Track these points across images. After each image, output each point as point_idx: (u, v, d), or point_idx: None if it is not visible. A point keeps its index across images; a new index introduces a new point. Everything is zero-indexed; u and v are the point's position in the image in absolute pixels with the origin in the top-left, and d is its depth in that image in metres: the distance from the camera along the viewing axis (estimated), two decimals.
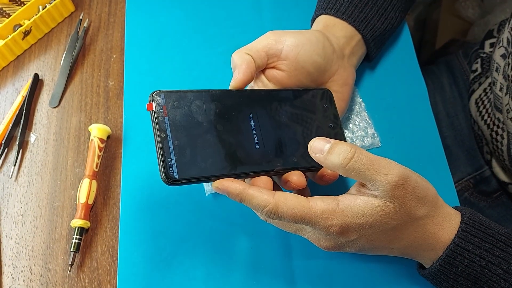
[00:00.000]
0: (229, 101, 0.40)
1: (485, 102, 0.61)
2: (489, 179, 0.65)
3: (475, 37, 0.99)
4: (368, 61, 0.55)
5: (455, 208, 0.40)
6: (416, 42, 1.13)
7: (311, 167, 0.41)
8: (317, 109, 0.44)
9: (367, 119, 0.53)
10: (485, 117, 0.61)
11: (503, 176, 0.62)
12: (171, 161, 0.35)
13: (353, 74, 0.49)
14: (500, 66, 0.55)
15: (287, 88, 0.45)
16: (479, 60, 0.66)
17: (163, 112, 0.36)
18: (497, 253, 0.36)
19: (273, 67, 0.45)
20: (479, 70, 0.66)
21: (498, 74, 0.56)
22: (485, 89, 0.62)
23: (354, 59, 0.50)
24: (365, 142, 0.52)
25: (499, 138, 0.58)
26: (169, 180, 0.35)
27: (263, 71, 0.46)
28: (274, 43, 0.44)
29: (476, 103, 0.63)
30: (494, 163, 0.63)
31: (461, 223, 0.37)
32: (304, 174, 0.41)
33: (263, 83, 0.46)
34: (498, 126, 0.58)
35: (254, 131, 0.40)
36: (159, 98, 0.37)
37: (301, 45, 0.44)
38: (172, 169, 0.35)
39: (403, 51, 0.58)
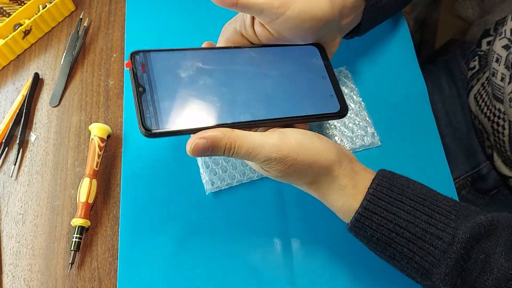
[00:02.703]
0: (212, 58, 0.40)
1: (483, 96, 0.62)
2: (486, 177, 0.66)
3: (474, 37, 1.00)
4: (358, 35, 0.52)
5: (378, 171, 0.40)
6: (416, 41, 1.13)
7: (294, 117, 0.40)
8: (308, 63, 0.43)
9: (367, 119, 0.53)
10: (485, 110, 0.61)
11: (505, 170, 0.63)
12: (149, 113, 0.35)
13: (339, 43, 0.47)
14: (501, 56, 0.56)
15: (275, 44, 0.43)
16: (476, 57, 0.68)
17: (142, 69, 0.37)
18: (404, 216, 0.36)
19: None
20: (477, 67, 0.67)
21: (499, 65, 0.56)
22: (483, 84, 0.63)
23: (346, 29, 0.48)
24: (365, 141, 0.52)
25: (500, 129, 0.59)
26: (147, 131, 0.35)
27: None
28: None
29: (475, 97, 0.64)
30: (496, 157, 0.63)
31: (369, 188, 0.37)
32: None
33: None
34: (499, 117, 0.58)
35: (234, 86, 0.39)
36: (138, 56, 0.37)
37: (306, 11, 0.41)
38: (150, 121, 0.35)
39: (403, 51, 0.58)
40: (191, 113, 0.37)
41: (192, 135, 0.36)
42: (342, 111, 0.42)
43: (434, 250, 0.35)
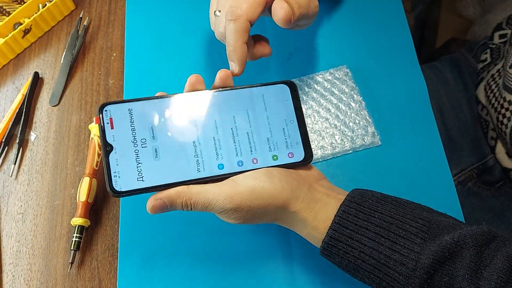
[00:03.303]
0: (181, 106, 0.39)
1: (493, 87, 0.63)
2: (492, 169, 0.66)
3: (475, 35, 0.99)
4: None
5: (350, 192, 0.40)
6: (416, 41, 1.13)
7: (254, 169, 0.40)
8: (277, 106, 0.42)
9: (367, 118, 0.53)
10: (493, 101, 0.62)
11: (507, 162, 0.63)
12: (116, 174, 0.36)
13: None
14: None
15: (245, 86, 0.42)
16: (488, 50, 0.68)
17: (110, 124, 0.37)
18: (369, 243, 0.36)
19: None
20: (489, 59, 0.67)
21: None
22: (493, 75, 0.64)
23: None
24: (365, 141, 0.52)
25: (505, 120, 0.59)
26: (114, 193, 0.35)
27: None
28: None
29: (485, 89, 0.65)
30: (498, 149, 0.64)
31: (335, 216, 0.38)
32: None
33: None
34: (506, 109, 0.59)
35: (200, 138, 0.39)
36: (107, 111, 0.37)
37: None
38: (117, 182, 0.36)
39: (403, 50, 0.58)
40: (159, 171, 0.37)
41: (151, 195, 0.37)
42: (306, 159, 0.41)
43: (398, 276, 0.35)
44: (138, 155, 0.37)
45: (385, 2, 0.60)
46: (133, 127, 0.37)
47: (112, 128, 0.37)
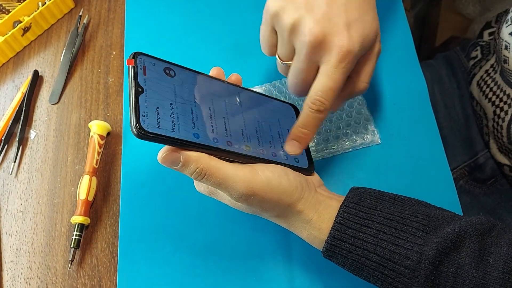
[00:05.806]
0: (210, 86, 0.41)
1: (488, 81, 0.63)
2: (483, 166, 0.67)
3: (475, 34, 0.99)
4: None
5: (349, 191, 0.41)
6: (416, 39, 1.13)
7: (271, 161, 0.41)
8: (287, 119, 0.46)
9: (367, 116, 0.53)
10: (490, 95, 0.62)
11: (499, 157, 0.64)
12: (144, 114, 0.35)
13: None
14: (509, 43, 0.56)
15: (264, 94, 0.46)
16: (478, 47, 0.69)
17: (143, 71, 0.37)
18: (371, 240, 0.37)
19: None
20: (479, 56, 0.68)
21: (509, 52, 0.56)
22: (487, 70, 0.64)
23: None
24: (365, 139, 0.52)
25: (502, 114, 0.59)
26: (140, 131, 0.34)
27: None
28: None
29: (478, 84, 0.65)
30: (492, 144, 0.64)
31: (336, 217, 0.38)
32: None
33: None
34: (505, 102, 0.59)
35: (225, 116, 0.40)
36: (141, 59, 0.38)
37: None
38: (145, 122, 0.35)
39: (403, 48, 0.58)
40: (184, 125, 0.37)
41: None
42: (310, 169, 0.44)
43: (404, 270, 0.36)
44: (167, 108, 0.37)
45: (385, 0, 0.60)
46: (164, 83, 0.38)
47: (144, 74, 0.37)
